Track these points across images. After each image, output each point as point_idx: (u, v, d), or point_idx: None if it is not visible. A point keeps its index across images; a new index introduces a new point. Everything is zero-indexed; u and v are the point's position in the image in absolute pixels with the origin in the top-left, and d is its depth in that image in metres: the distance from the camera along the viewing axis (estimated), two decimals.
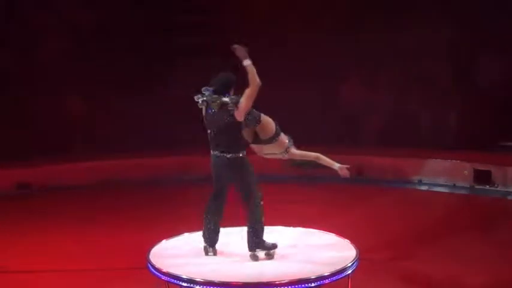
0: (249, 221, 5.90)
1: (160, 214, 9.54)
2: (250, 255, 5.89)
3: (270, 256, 5.93)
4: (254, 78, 5.59)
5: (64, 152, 12.37)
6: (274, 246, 5.96)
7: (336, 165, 6.23)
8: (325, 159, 6.24)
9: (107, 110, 12.98)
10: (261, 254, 5.92)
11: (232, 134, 5.81)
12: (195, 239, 6.34)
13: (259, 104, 5.85)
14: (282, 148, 6.15)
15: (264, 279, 5.40)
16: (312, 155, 6.22)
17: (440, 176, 11.75)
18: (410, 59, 12.71)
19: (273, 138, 6.07)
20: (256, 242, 5.88)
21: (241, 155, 5.85)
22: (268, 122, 6.05)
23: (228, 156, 5.81)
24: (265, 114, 6.03)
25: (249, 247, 5.91)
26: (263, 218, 5.90)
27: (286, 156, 6.23)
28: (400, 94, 12.77)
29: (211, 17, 13.37)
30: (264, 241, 5.93)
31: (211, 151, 5.92)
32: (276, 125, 6.08)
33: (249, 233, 5.89)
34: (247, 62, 5.57)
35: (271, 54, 12.00)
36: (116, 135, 12.59)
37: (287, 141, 6.17)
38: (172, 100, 12.36)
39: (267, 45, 12.40)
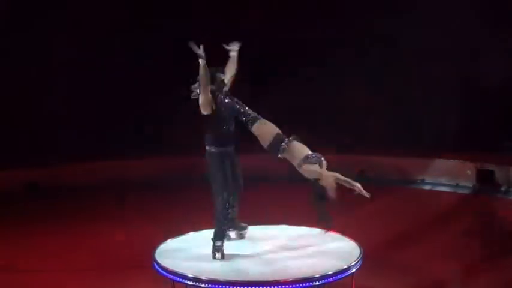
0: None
1: (166, 213, 9.57)
2: None
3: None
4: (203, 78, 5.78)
5: (73, 152, 12.35)
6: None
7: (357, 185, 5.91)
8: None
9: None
10: None
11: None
12: (200, 238, 6.38)
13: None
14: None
15: (269, 278, 5.42)
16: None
17: (443, 175, 11.77)
18: (413, 59, 12.72)
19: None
20: None
21: None
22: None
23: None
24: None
25: None
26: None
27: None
28: (403, 94, 12.76)
29: None
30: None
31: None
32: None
33: None
34: (202, 63, 5.75)
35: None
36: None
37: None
38: None
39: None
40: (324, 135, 12.10)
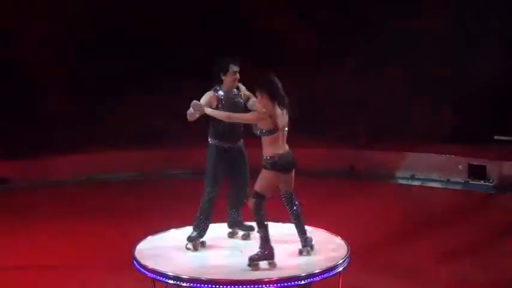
0: None
1: (146, 210, 9.42)
2: None
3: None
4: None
5: (46, 145, 12.07)
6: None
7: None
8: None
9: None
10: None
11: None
12: (181, 235, 6.20)
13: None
14: None
15: (253, 277, 5.29)
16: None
17: (434, 171, 11.63)
18: (404, 52, 12.60)
19: None
20: None
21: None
22: None
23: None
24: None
25: None
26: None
27: None
28: (393, 87, 12.68)
29: None
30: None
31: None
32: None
33: None
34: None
35: None
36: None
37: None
38: None
39: None
40: (313, 129, 12.07)
